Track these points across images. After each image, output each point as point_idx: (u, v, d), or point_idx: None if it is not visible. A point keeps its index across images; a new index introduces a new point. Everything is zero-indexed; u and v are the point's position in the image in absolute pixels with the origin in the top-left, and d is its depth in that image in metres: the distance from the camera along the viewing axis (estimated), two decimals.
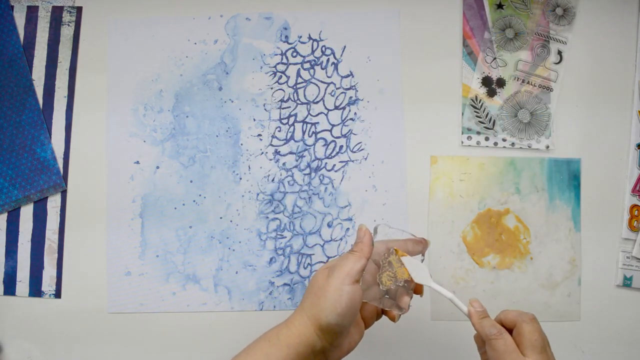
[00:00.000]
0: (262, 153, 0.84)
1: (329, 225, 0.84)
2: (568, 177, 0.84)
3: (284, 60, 0.85)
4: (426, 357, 0.83)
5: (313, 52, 0.85)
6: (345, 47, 0.85)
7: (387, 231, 0.71)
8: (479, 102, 0.84)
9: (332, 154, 0.84)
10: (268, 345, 0.65)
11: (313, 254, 0.83)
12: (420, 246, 0.71)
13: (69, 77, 0.85)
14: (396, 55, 0.85)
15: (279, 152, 0.84)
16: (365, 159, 0.84)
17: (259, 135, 0.84)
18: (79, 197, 0.84)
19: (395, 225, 0.73)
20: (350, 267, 0.65)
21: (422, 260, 0.71)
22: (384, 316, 0.71)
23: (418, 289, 0.71)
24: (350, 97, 0.85)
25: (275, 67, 0.85)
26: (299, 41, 0.85)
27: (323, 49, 0.85)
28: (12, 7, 0.85)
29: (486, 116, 0.84)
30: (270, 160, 0.84)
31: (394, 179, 0.84)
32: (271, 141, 0.84)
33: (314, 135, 0.84)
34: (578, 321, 0.83)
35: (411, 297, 0.70)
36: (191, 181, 0.84)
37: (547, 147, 0.84)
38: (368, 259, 0.66)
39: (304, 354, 0.65)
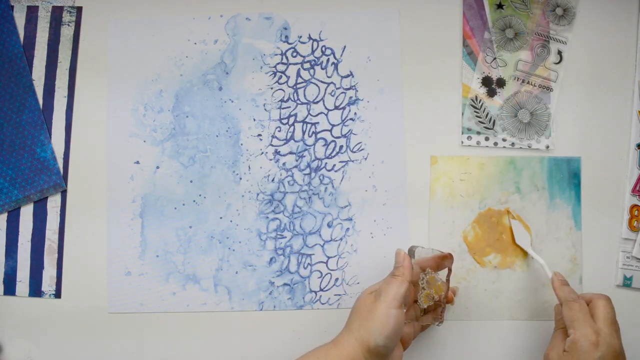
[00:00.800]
0: (262, 153, 0.84)
1: (329, 225, 0.84)
2: (568, 176, 0.84)
3: (284, 60, 0.85)
4: (426, 357, 0.82)
5: (313, 52, 0.85)
6: (345, 47, 0.85)
7: (421, 252, 0.76)
8: (479, 102, 0.84)
9: (332, 154, 0.84)
10: None
11: (313, 254, 0.83)
12: (446, 261, 0.77)
13: (69, 77, 0.85)
14: (396, 55, 0.85)
15: (279, 152, 0.84)
16: (365, 159, 0.84)
17: (259, 135, 0.84)
18: (79, 197, 0.84)
19: (426, 245, 0.81)
20: (395, 291, 0.69)
21: (449, 275, 0.77)
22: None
23: (449, 299, 0.78)
24: (350, 97, 0.85)
25: (275, 67, 0.85)
26: (299, 41, 0.85)
27: (323, 49, 0.85)
28: (12, 7, 0.85)
29: (486, 116, 0.84)
30: (270, 160, 0.84)
31: (394, 179, 0.84)
32: (271, 141, 0.84)
33: (314, 135, 0.84)
34: None
35: (444, 310, 0.76)
36: (191, 181, 0.84)
37: (547, 147, 0.84)
38: (410, 282, 0.71)
39: None
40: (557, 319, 0.75)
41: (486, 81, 0.85)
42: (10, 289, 0.83)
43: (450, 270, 0.77)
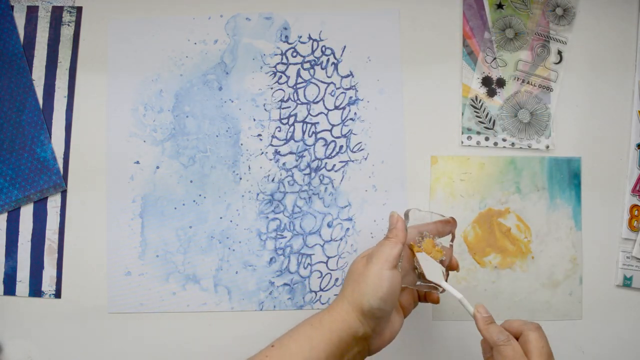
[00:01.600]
0: (262, 153, 0.84)
1: (329, 225, 0.84)
2: (569, 176, 0.84)
3: (284, 60, 0.85)
4: (427, 357, 0.83)
5: (313, 52, 0.85)
6: (345, 47, 0.85)
7: (417, 215, 0.73)
8: (479, 102, 0.84)
9: (332, 154, 0.84)
10: (311, 329, 0.66)
11: (313, 254, 0.83)
12: (449, 226, 0.73)
13: (69, 77, 0.85)
14: (396, 55, 0.85)
15: (279, 152, 0.84)
16: (365, 159, 0.84)
17: (259, 135, 0.84)
18: (79, 197, 0.84)
19: (423, 208, 0.74)
20: (388, 252, 0.67)
21: (452, 240, 0.73)
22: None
23: (454, 265, 0.73)
24: (350, 97, 0.85)
25: (275, 67, 0.85)
26: (299, 41, 0.85)
27: (323, 49, 0.85)
28: (12, 7, 0.85)
29: (486, 116, 0.84)
30: (270, 160, 0.84)
31: (394, 179, 0.84)
32: (271, 141, 0.84)
33: (314, 135, 0.84)
34: (580, 320, 0.83)
35: (448, 276, 0.72)
36: (191, 181, 0.84)
37: (547, 147, 0.84)
38: (404, 244, 0.68)
39: (346, 339, 0.66)
40: (485, 357, 0.67)
41: (486, 81, 0.85)
42: (10, 289, 0.83)
43: (453, 235, 0.74)
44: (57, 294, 0.83)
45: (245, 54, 0.85)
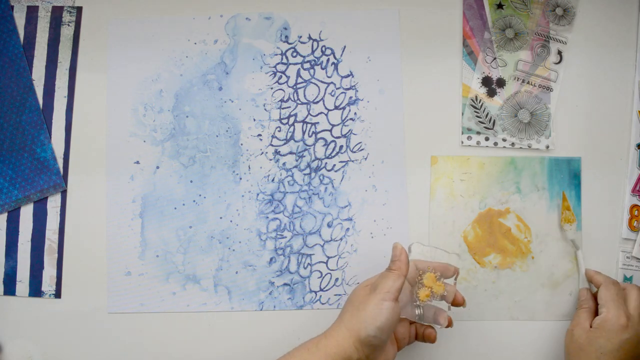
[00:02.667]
0: (262, 153, 0.84)
1: (329, 225, 0.84)
2: (569, 176, 0.84)
3: (284, 60, 0.85)
4: (427, 357, 0.82)
5: (313, 52, 0.85)
6: (345, 47, 0.85)
7: (420, 249, 0.75)
8: (479, 102, 0.84)
9: (332, 154, 0.84)
10: (307, 353, 0.69)
11: (313, 254, 0.83)
12: (450, 272, 0.74)
13: (69, 77, 0.85)
14: (396, 55, 0.85)
15: (279, 152, 0.84)
16: (365, 159, 0.84)
17: (259, 135, 0.84)
18: (79, 197, 0.84)
19: (426, 242, 0.78)
20: (391, 285, 0.69)
21: (456, 278, 0.75)
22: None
23: (457, 301, 0.74)
24: (350, 97, 0.85)
25: (275, 67, 0.85)
26: (299, 41, 0.85)
27: (323, 49, 0.85)
28: (12, 7, 0.85)
29: (486, 116, 0.84)
30: (270, 160, 0.84)
31: (394, 179, 0.84)
32: (271, 141, 0.84)
33: (314, 135, 0.84)
34: None
35: (449, 309, 0.74)
36: (191, 181, 0.84)
37: (547, 147, 0.84)
38: (405, 276, 0.70)
39: None
40: (581, 300, 0.79)
41: (486, 81, 0.85)
42: (10, 289, 0.83)
43: (457, 273, 0.75)
44: (57, 294, 0.83)
45: (245, 54, 0.85)
